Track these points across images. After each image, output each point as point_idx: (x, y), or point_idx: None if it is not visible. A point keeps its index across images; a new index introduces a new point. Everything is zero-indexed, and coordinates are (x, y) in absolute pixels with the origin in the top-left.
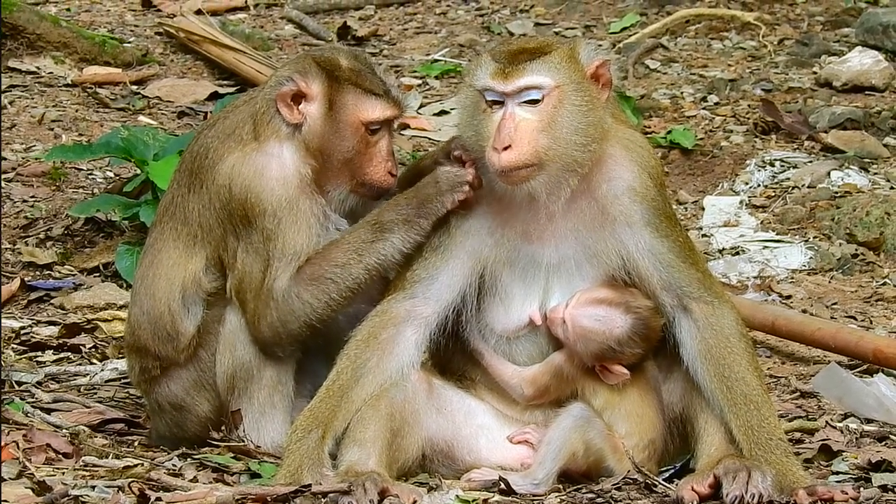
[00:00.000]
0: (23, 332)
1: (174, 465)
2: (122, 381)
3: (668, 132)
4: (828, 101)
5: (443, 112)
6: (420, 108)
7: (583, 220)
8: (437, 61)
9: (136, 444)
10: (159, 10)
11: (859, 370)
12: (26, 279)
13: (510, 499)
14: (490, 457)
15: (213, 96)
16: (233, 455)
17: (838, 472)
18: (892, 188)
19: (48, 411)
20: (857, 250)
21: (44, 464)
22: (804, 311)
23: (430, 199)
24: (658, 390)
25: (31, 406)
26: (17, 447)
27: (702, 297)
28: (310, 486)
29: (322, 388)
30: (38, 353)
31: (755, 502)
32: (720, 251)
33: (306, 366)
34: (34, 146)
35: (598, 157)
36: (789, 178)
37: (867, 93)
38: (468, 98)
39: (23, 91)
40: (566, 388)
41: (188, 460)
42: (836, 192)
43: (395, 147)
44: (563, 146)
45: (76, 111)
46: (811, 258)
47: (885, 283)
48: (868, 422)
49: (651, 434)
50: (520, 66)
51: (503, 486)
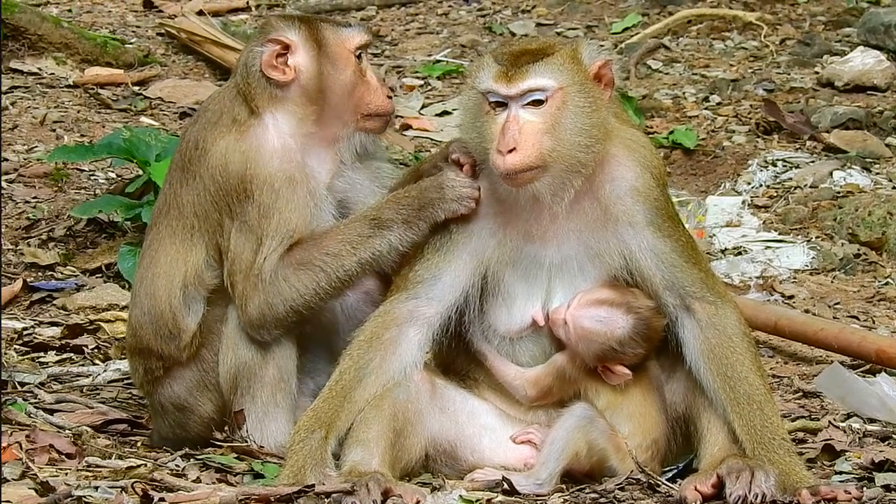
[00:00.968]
0: (25, 332)
1: (177, 466)
2: (125, 381)
3: (670, 132)
4: (830, 101)
5: (445, 113)
6: (422, 108)
7: (585, 220)
8: (438, 62)
9: (139, 444)
10: (161, 11)
11: (862, 370)
12: (28, 280)
13: (513, 499)
14: (493, 457)
15: (211, 95)
16: (236, 455)
17: (841, 472)
18: (894, 188)
19: (51, 412)
20: (859, 250)
21: (47, 464)
22: (807, 311)
23: (432, 204)
24: (661, 390)
25: (34, 407)
26: (20, 448)
27: (704, 297)
28: (313, 486)
29: (325, 388)
30: (41, 354)
31: (758, 502)
32: (722, 251)
33: (308, 364)
34: (36, 147)
35: (601, 158)
36: (791, 178)
37: (869, 93)
38: (471, 100)
39: (24, 92)
40: (569, 388)
41: (191, 461)
42: (839, 192)
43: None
44: (567, 147)
45: (78, 112)
46: (813, 258)
47: (887, 283)
48: (871, 421)
49: (654, 434)
50: (523, 68)
51: (506, 486)
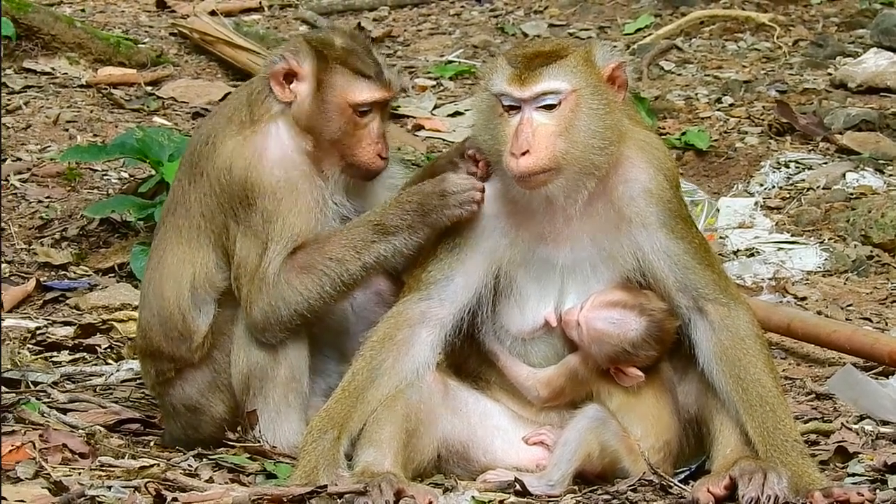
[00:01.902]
0: (38, 332)
1: (190, 466)
2: (138, 381)
3: (683, 133)
4: (843, 102)
5: (457, 113)
6: (434, 109)
7: (598, 222)
8: (451, 62)
9: (151, 444)
10: (174, 11)
11: (875, 372)
12: (42, 280)
13: (525, 500)
14: (505, 458)
15: (227, 97)
16: (248, 455)
17: (854, 474)
18: None
19: (64, 411)
20: (872, 252)
21: (60, 464)
22: (819, 313)
23: (435, 210)
24: (673, 392)
25: (47, 406)
26: (34, 447)
27: (717, 298)
28: (325, 486)
29: (338, 388)
30: (54, 354)
31: None
32: (735, 253)
33: (319, 365)
34: (49, 147)
35: (614, 160)
36: (804, 180)
37: (882, 94)
38: (483, 101)
39: (38, 92)
40: (581, 390)
41: (204, 461)
42: (851, 194)
43: (394, 142)
44: (581, 150)
45: (91, 112)
46: (826, 260)
47: None
48: (884, 423)
49: (666, 435)
50: (536, 70)
51: (518, 487)
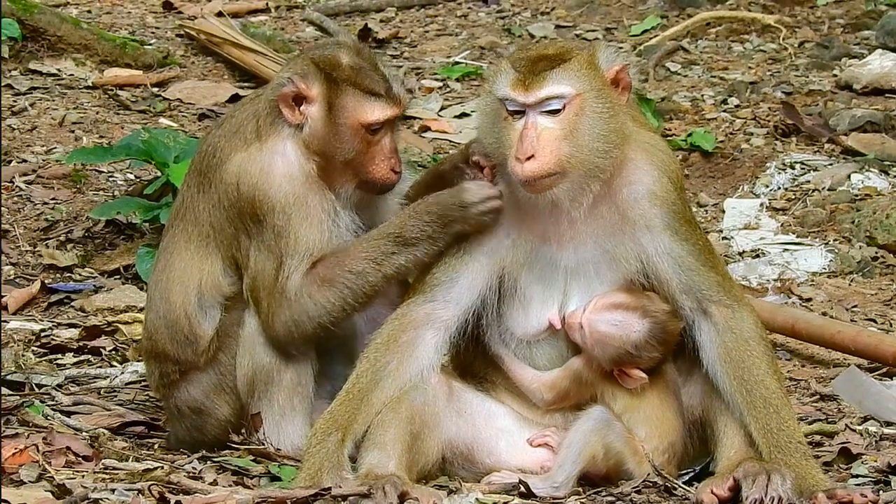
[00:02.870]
0: (43, 334)
1: (194, 468)
2: (142, 383)
3: (689, 135)
4: (848, 103)
5: (463, 114)
6: (441, 110)
7: (603, 224)
8: (457, 64)
9: (156, 446)
10: (180, 13)
11: (879, 373)
12: (47, 282)
13: (530, 502)
14: (510, 460)
15: (234, 98)
16: (253, 458)
17: (858, 476)
18: None
19: (68, 414)
20: (877, 253)
21: (64, 467)
22: (824, 314)
23: (456, 221)
24: (677, 393)
25: (52, 409)
26: (37, 450)
27: (721, 300)
28: (330, 489)
29: (342, 391)
30: (59, 356)
31: None
32: (740, 254)
33: (325, 368)
34: (55, 148)
35: (619, 162)
36: (809, 181)
37: (888, 95)
38: (488, 105)
39: (43, 93)
40: (585, 392)
41: (208, 463)
42: (857, 195)
43: (400, 144)
44: (586, 153)
45: (97, 113)
46: (831, 261)
47: None
48: (888, 425)
49: (670, 437)
50: (540, 75)
51: (523, 489)
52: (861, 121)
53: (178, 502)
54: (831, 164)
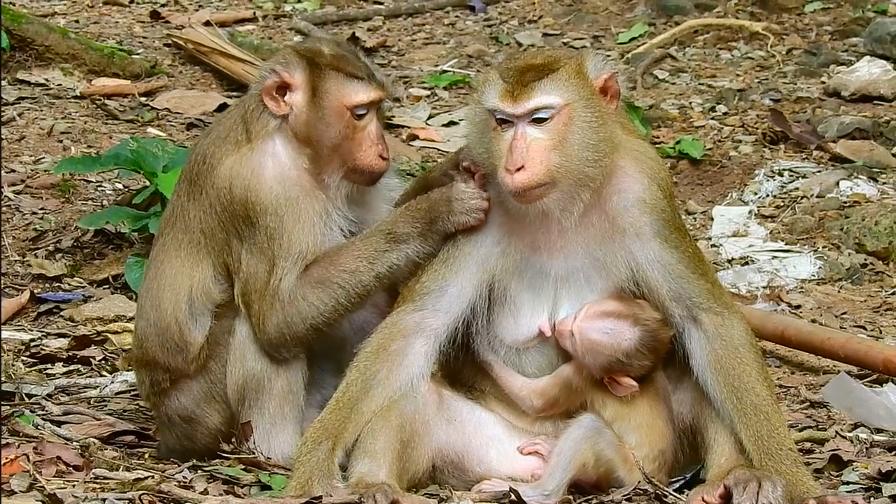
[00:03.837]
0: (32, 344)
1: (185, 478)
2: (132, 393)
3: (677, 142)
4: (836, 110)
5: (451, 123)
6: (429, 118)
7: (592, 232)
8: (445, 72)
9: (146, 456)
10: (168, 22)
11: (869, 380)
12: (36, 291)
13: None
14: (500, 468)
15: (222, 108)
16: (243, 467)
17: (848, 483)
18: None
19: (58, 424)
20: (866, 260)
21: (54, 476)
22: (813, 321)
23: (443, 217)
24: (668, 401)
25: (42, 418)
26: (28, 460)
27: (711, 307)
28: (320, 497)
29: (332, 399)
30: (48, 366)
31: None
32: (729, 261)
33: (316, 377)
34: (43, 158)
35: (608, 170)
36: (798, 188)
37: (876, 102)
38: (477, 115)
39: (32, 103)
40: (575, 399)
41: (199, 472)
42: (845, 202)
43: (385, 132)
44: (576, 163)
45: (85, 123)
46: (820, 268)
47: (894, 293)
48: (878, 431)
49: (661, 444)
50: (528, 86)
51: (513, 497)
52: (849, 128)
53: None
54: (820, 172)
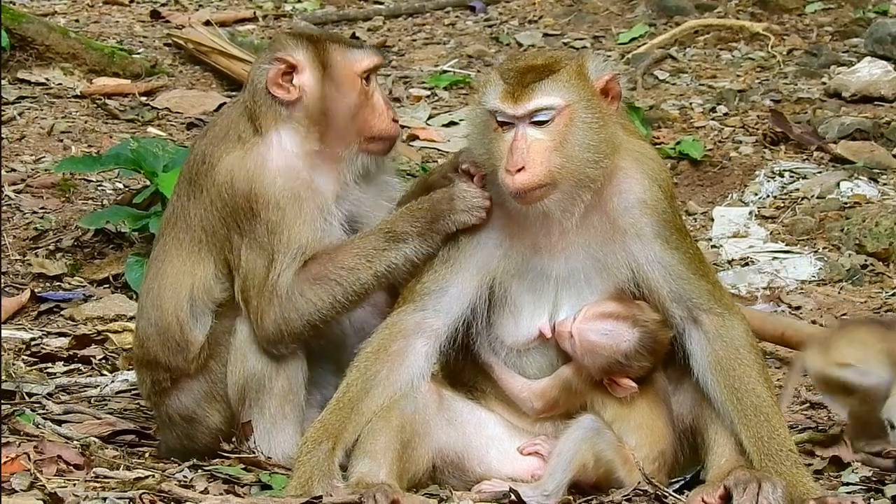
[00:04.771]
0: (33, 343)
1: (185, 477)
2: (133, 392)
3: (678, 143)
4: (837, 111)
5: (452, 123)
6: (429, 119)
7: (593, 233)
8: (445, 72)
9: (146, 455)
10: (168, 22)
11: None
12: (36, 291)
13: None
14: (500, 468)
15: (222, 107)
16: (244, 466)
17: (848, 484)
18: None
19: (59, 423)
20: (866, 261)
21: (55, 475)
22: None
23: (444, 215)
24: (668, 401)
25: (42, 417)
26: (29, 459)
27: (712, 308)
28: (320, 497)
29: (332, 399)
30: (49, 365)
31: None
32: (729, 262)
33: (316, 377)
34: (44, 158)
35: (609, 171)
36: (798, 189)
37: (876, 103)
38: (478, 116)
39: (32, 102)
40: (575, 401)
41: (199, 472)
42: (846, 203)
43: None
44: (576, 164)
45: (85, 122)
46: (820, 269)
47: (894, 294)
48: None
49: (661, 445)
50: (529, 87)
51: (514, 497)
52: (850, 129)
53: None
54: (820, 172)
